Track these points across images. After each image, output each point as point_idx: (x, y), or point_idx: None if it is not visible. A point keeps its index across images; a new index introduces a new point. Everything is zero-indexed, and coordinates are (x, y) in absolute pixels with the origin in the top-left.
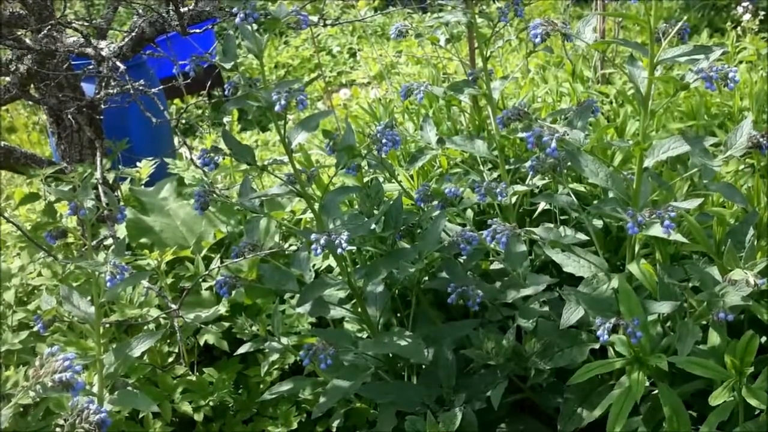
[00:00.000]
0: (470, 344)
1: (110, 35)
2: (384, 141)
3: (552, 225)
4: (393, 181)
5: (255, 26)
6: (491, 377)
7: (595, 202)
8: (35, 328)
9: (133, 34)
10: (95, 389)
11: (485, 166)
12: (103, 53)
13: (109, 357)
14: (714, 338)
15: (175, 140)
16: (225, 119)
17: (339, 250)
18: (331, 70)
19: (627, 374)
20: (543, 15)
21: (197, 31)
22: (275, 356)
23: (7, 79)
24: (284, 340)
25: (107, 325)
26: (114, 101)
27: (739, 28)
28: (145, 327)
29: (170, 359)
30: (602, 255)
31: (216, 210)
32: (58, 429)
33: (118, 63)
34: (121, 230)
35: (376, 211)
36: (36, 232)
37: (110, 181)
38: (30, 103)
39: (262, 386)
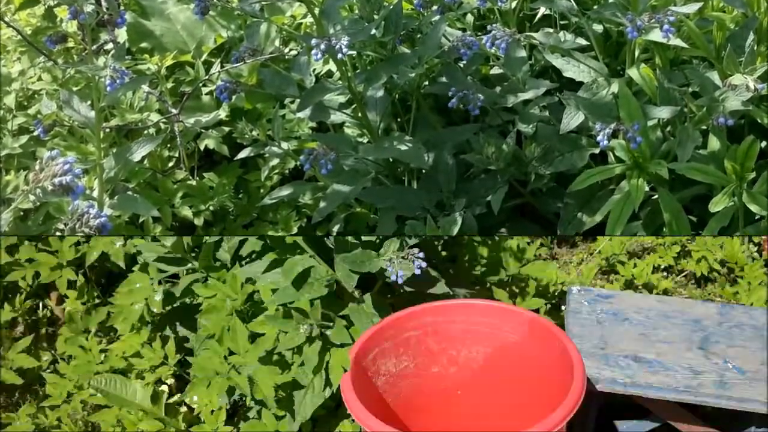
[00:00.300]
0: (470, 149)
1: None
2: None
3: (552, 30)
4: None
5: None
6: (491, 182)
7: (595, 6)
8: (35, 133)
9: None
10: (95, 194)
11: None
12: None
13: (109, 161)
14: (714, 143)
15: None
16: None
17: (339, 55)
18: None
19: (627, 179)
20: None
21: None
22: (275, 161)
23: None
24: (284, 145)
25: (107, 130)
26: None
27: None
28: (146, 131)
29: (170, 164)
30: (602, 60)
31: (216, 14)
32: (58, 233)
33: None
34: (122, 35)
35: (376, 16)
36: (36, 36)
37: None
38: None
39: (262, 191)
